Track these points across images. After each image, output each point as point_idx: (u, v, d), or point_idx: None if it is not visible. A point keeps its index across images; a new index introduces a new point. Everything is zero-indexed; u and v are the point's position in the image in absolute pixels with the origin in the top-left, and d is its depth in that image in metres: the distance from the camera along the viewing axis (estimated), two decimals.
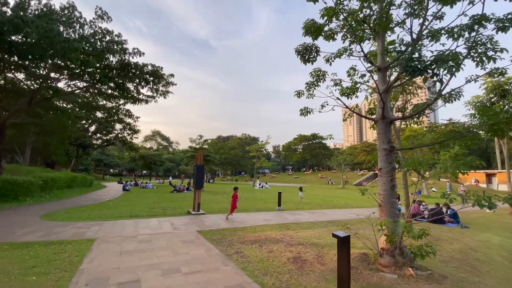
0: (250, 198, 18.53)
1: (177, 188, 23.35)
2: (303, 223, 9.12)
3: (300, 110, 6.33)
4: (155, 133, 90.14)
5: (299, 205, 15.16)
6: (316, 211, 12.85)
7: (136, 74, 15.91)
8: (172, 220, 9.17)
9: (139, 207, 12.44)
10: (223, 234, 7.17)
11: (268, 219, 9.80)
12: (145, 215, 10.34)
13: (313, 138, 68.74)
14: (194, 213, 10.38)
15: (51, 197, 15.12)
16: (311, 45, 5.76)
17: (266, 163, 43.06)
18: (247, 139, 76.69)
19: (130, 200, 15.87)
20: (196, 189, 10.68)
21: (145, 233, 7.11)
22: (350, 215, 11.60)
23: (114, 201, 15.13)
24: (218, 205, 13.79)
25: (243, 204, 14.69)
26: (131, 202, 14.56)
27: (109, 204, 13.43)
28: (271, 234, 7.02)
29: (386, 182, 4.97)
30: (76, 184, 22.18)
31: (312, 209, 13.92)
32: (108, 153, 58.73)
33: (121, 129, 35.02)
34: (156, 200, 16.11)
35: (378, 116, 5.23)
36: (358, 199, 21.04)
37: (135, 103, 20.25)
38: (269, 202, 16.18)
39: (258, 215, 10.83)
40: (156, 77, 15.94)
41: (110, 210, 11.55)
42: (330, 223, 9.48)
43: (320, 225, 9.04)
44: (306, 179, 58.22)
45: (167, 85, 17.39)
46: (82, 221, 8.63)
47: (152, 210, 11.64)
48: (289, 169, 78.94)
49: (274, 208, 13.25)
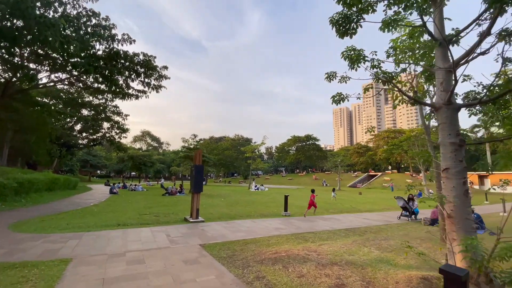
0: (249, 201, 17.24)
1: (169, 191, 21.78)
2: (321, 233, 7.92)
3: (332, 97, 5.14)
4: (145, 133, 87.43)
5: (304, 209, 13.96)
6: (326, 216, 11.69)
7: (125, 65, 14.40)
8: (168, 229, 7.78)
9: (127, 213, 10.94)
10: (233, 249, 5.87)
11: (278, 227, 8.55)
12: (134, 223, 8.90)
13: (307, 139, 68.07)
14: (192, 220, 9.01)
15: (27, 201, 13.38)
16: (352, 13, 4.57)
17: (262, 164, 41.85)
18: (240, 140, 75.29)
19: (118, 204, 14.29)
20: (195, 193, 9.32)
21: (135, 248, 5.73)
22: (364, 221, 10.50)
23: (100, 206, 13.52)
24: (217, 210, 12.44)
25: (244, 208, 13.39)
26: (118, 207, 13.01)
27: (93, 210, 11.85)
28: (291, 249, 5.77)
29: (456, 186, 3.83)
30: (58, 186, 20.29)
31: (320, 214, 12.76)
32: (95, 153, 56.08)
33: (108, 128, 33.08)
34: (146, 204, 14.59)
35: (441, 102, 4.08)
36: (361, 201, 20.10)
37: (124, 98, 18.66)
38: (271, 206, 14.94)
39: (264, 221, 9.56)
40: (148, 69, 14.45)
41: (94, 217, 10.01)
42: (349, 231, 8.32)
43: (340, 234, 7.86)
44: (300, 181, 57.34)
45: (160, 79, 15.91)
46: (59, 233, 7.15)
47: (143, 216, 10.18)
48: (282, 171, 77.97)
49: (279, 213, 12.02)
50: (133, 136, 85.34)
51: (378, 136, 76.96)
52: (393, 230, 8.81)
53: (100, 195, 19.47)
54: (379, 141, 73.52)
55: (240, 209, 13.18)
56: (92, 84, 17.89)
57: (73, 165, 45.39)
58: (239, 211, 12.25)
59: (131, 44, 12.95)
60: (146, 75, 14.89)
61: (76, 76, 17.23)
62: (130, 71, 14.63)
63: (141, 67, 14.38)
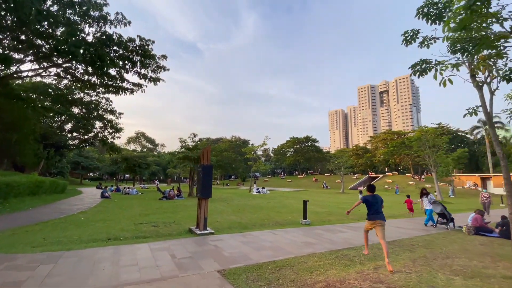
0: (256, 206, 15.64)
1: (166, 195, 20.03)
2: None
3: (411, 66, 3.65)
4: (139, 135, 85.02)
5: (323, 215, 12.45)
6: (351, 225, 10.18)
7: (119, 53, 12.74)
8: (171, 246, 6.16)
9: (120, 223, 9.26)
10: (265, 278, 4.28)
11: (307, 241, 6.99)
12: (129, 236, 7.25)
13: (306, 141, 66.78)
14: (199, 232, 7.39)
15: (4, 208, 11.58)
16: None
17: (264, 166, 40.28)
18: (237, 141, 73.65)
19: (109, 211, 12.55)
20: (203, 199, 7.72)
21: (131, 280, 4.10)
22: (400, 230, 9.02)
23: (88, 213, 11.76)
24: (224, 218, 10.83)
25: (254, 215, 11.81)
26: (110, 215, 11.28)
27: (79, 219, 10.12)
28: (346, 278, 4.23)
29: None
30: (43, 190, 18.37)
31: (341, 221, 11.27)
32: (87, 155, 53.74)
33: (101, 127, 31.11)
34: (142, 210, 12.88)
35: None
36: None
37: (118, 93, 16.96)
38: (283, 212, 13.38)
39: (286, 233, 8.00)
40: (145, 58, 12.80)
41: (80, 228, 8.31)
42: (394, 245, 6.81)
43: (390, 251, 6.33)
44: (300, 183, 55.89)
45: (158, 70, 14.28)
46: (30, 252, 5.48)
47: (139, 227, 8.52)
48: (281, 173, 76.48)
49: (296, 221, 10.47)
50: (127, 138, 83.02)
51: (377, 138, 76.24)
52: (443, 243, 7.34)
53: (90, 200, 17.63)
54: (377, 143, 72.76)
55: (250, 216, 11.60)
56: (82, 77, 16.16)
57: (63, 167, 43.07)
58: (250, 219, 10.66)
59: (126, 26, 11.34)
60: (142, 64, 13.23)
61: (64, 68, 15.51)
62: (125, 60, 12.98)
63: (137, 55, 12.75)
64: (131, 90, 16.20)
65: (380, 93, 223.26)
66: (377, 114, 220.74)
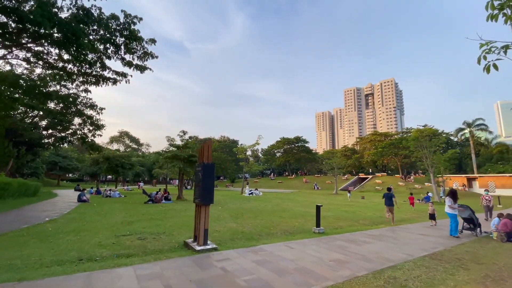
0: (254, 210, 14.22)
1: (152, 198, 18.19)
2: (404, 265, 5.13)
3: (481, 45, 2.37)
4: (123, 134, 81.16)
5: (331, 221, 11.21)
6: (369, 232, 8.96)
7: (100, 34, 10.95)
8: (164, 269, 4.63)
9: (98, 234, 7.56)
10: None
11: (335, 258, 5.65)
12: (107, 255, 5.64)
13: (296, 141, 66.05)
14: (199, 248, 5.88)
15: None
16: None
17: (256, 167, 38.83)
18: (226, 141, 71.86)
19: (86, 218, 10.71)
20: (202, 205, 6.22)
21: None
22: (426, 239, 7.88)
23: (59, 221, 9.89)
24: (223, 225, 9.33)
25: (256, 221, 10.38)
26: (86, 223, 9.49)
27: (46, 230, 8.30)
28: None
29: None
30: (10, 193, 16.14)
31: (353, 227, 10.08)
32: (65, 154, 50.18)
33: (80, 123, 28.54)
34: (126, 216, 11.13)
35: None
36: (375, 208, 17.70)
37: (98, 83, 15.06)
38: (285, 217, 12.04)
39: (303, 245, 6.63)
40: (130, 39, 11.06)
41: (43, 244, 6.57)
42: (433, 259, 5.59)
43: (430, 266, 5.11)
44: (290, 184, 54.93)
45: (145, 57, 12.56)
46: None
47: (121, 240, 6.88)
48: (270, 174, 75.34)
49: (307, 229, 9.17)
50: (109, 137, 79.04)
51: (365, 139, 76.83)
52: (488, 254, 6.22)
53: (64, 204, 15.54)
54: (365, 144, 73.27)
55: (252, 222, 10.16)
56: (56, 63, 14.16)
57: (38, 167, 39.70)
58: (253, 227, 9.23)
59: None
60: (127, 49, 11.47)
61: (35, 52, 13.47)
62: (106, 43, 11.18)
63: (121, 36, 10.99)
64: (114, 80, 14.32)
65: (366, 96, 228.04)
66: (363, 116, 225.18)
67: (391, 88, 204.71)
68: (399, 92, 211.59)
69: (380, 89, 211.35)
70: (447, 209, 8.73)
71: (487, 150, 65.00)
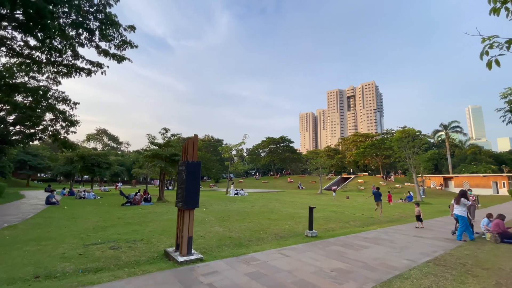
0: (241, 212, 13.51)
1: (130, 199, 16.96)
2: (411, 274, 4.67)
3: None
4: (101, 132, 77.37)
5: (322, 222, 10.73)
6: (364, 235, 8.56)
7: (71, 18, 9.77)
8: None
9: (63, 243, 6.55)
10: None
11: (335, 266, 5.10)
12: (71, 270, 4.74)
13: (281, 141, 65.97)
14: (182, 259, 5.12)
15: None
16: None
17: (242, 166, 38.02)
18: (210, 141, 70.44)
19: (52, 223, 9.53)
20: (186, 209, 5.45)
21: None
22: (422, 241, 7.57)
23: (19, 227, 8.66)
24: (208, 230, 8.56)
25: (243, 224, 9.69)
26: (51, 229, 8.36)
27: (1, 238, 7.13)
28: None
29: None
30: None
31: (346, 229, 9.67)
32: (36, 152, 46.77)
33: (52, 119, 26.42)
34: (99, 221, 10.04)
35: None
36: (362, 207, 17.57)
37: (71, 74, 13.81)
38: (274, 218, 11.44)
39: (297, 252, 6.04)
40: (106, 24, 9.98)
41: None
42: (444, 266, 5.20)
43: (437, 274, 4.68)
44: (275, 184, 54.67)
45: (123, 46, 11.48)
46: None
47: (90, 250, 5.95)
48: (255, 174, 74.81)
49: (299, 232, 8.63)
50: (86, 134, 75.01)
51: (347, 140, 78.31)
52: (489, 258, 5.94)
53: (29, 207, 14.04)
54: (348, 145, 74.70)
55: (239, 226, 9.46)
56: (22, 50, 12.74)
57: (4, 166, 36.57)
58: (241, 231, 8.54)
59: None
60: (103, 35, 10.36)
61: None
62: (78, 27, 10.02)
63: (95, 20, 9.88)
64: (88, 70, 13.10)
65: (348, 98, 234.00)
66: (345, 118, 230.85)
67: (371, 90, 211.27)
68: (379, 95, 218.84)
69: (361, 92, 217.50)
70: (457, 211, 8.28)
71: (461, 151, 68.42)
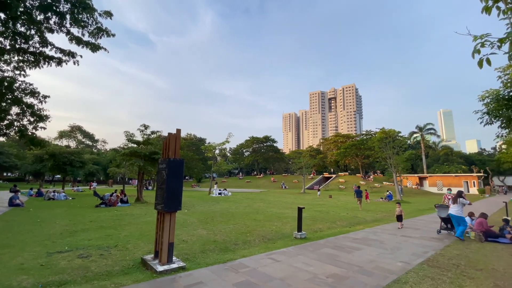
0: (225, 213, 12.97)
1: (105, 200, 15.82)
2: (408, 278, 4.44)
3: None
4: (75, 128, 73.06)
5: (309, 223, 10.47)
6: (353, 235, 8.37)
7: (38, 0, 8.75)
8: None
9: (24, 252, 5.72)
10: None
11: (330, 272, 4.76)
12: (27, 286, 4.03)
13: (265, 141, 65.88)
14: (161, 268, 4.55)
15: None
16: None
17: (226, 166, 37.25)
18: (193, 139, 68.86)
19: (13, 228, 8.48)
20: (166, 212, 4.88)
21: None
22: (411, 241, 7.49)
23: None
24: (191, 233, 7.98)
25: (228, 226, 9.19)
26: (11, 235, 7.38)
27: None
28: None
29: None
30: None
31: (333, 229, 9.47)
32: (1, 150, 43.23)
33: (18, 113, 24.28)
34: (68, 225, 9.11)
35: None
36: (346, 207, 17.66)
37: (38, 64, 12.52)
38: (260, 220, 11.04)
39: (288, 256, 5.66)
40: (79, 7, 9.04)
41: None
42: (438, 268, 5.03)
43: (435, 277, 4.50)
44: (259, 184, 54.43)
45: (99, 33, 10.54)
46: None
47: (54, 259, 5.20)
48: (238, 173, 74.17)
49: (287, 233, 8.28)
50: (58, 131, 70.50)
51: (328, 140, 79.90)
52: (479, 258, 5.89)
53: None
54: (329, 145, 76.26)
55: (224, 228, 8.95)
56: None
57: None
58: (226, 234, 8.04)
59: None
60: (75, 20, 9.41)
61: None
62: (47, 10, 9.01)
63: (66, 2, 8.93)
64: (59, 60, 11.90)
65: (329, 100, 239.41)
66: (326, 119, 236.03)
67: (352, 93, 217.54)
68: (359, 97, 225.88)
69: (342, 94, 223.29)
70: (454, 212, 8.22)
71: (434, 152, 72.04)
